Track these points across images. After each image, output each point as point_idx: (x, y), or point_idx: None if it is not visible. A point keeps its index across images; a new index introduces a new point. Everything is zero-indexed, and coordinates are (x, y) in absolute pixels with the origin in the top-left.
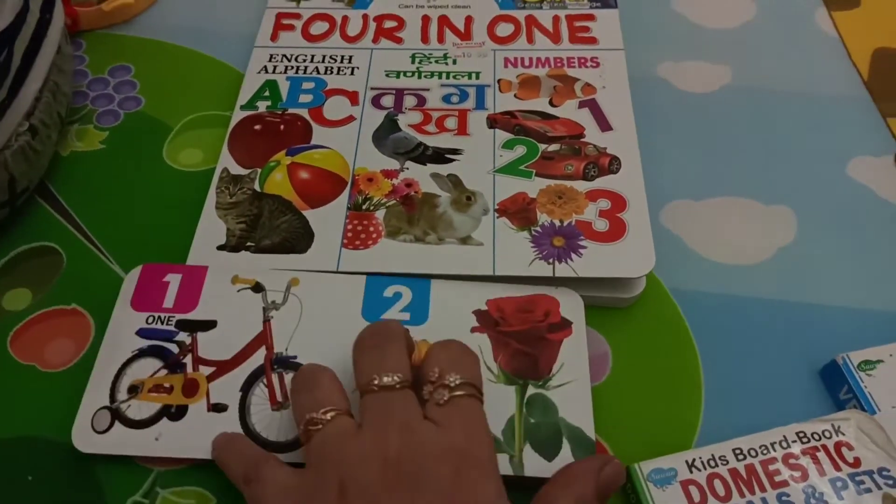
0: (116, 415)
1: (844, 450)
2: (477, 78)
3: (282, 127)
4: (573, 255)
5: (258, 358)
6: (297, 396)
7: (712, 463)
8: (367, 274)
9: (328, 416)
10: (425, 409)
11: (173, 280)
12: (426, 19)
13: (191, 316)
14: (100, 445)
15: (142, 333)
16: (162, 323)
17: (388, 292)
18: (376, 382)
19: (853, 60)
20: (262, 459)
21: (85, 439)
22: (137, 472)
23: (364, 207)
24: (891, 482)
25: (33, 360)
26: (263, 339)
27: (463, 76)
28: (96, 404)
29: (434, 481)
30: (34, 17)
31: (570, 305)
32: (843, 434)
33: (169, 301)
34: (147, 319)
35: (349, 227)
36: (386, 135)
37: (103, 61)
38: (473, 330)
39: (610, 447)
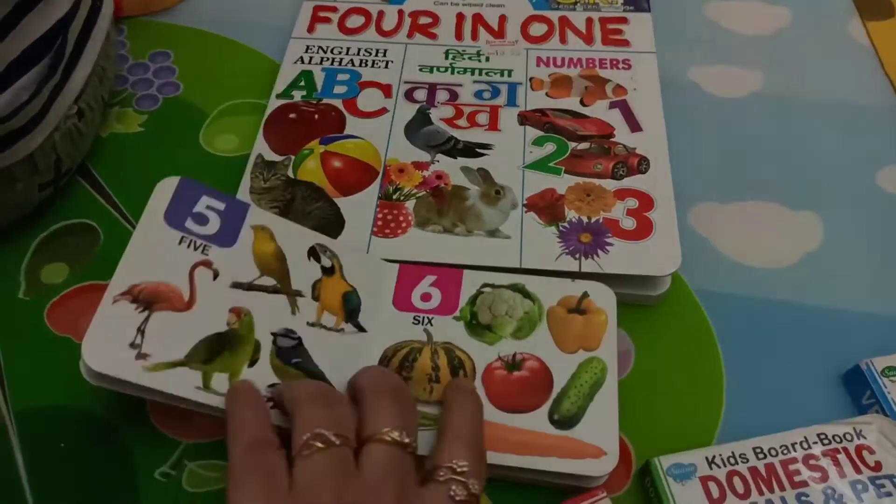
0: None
1: (865, 453)
2: (509, 75)
3: (316, 116)
4: (599, 252)
5: None
6: (311, 405)
7: (732, 460)
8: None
9: (337, 440)
10: (433, 487)
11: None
12: (461, 17)
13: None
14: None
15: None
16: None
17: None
18: (394, 435)
19: (885, 70)
20: (260, 446)
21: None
22: (166, 444)
23: (394, 197)
24: None
25: (68, 332)
26: None
27: (495, 73)
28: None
29: None
30: (86, 6)
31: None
32: (865, 438)
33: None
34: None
35: (379, 215)
36: (418, 128)
37: (144, 47)
38: None
39: (631, 441)
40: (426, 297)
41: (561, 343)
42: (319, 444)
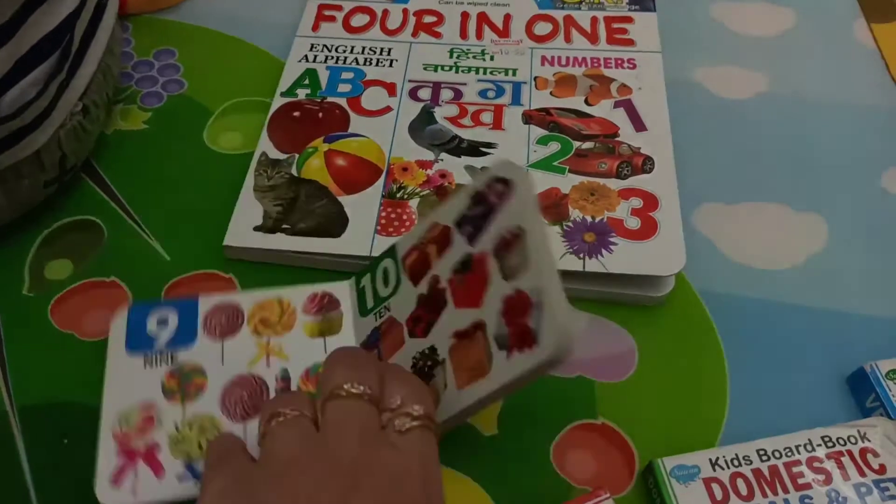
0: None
1: (870, 456)
2: (514, 74)
3: (320, 115)
4: (603, 251)
5: None
6: (338, 366)
7: (736, 462)
8: None
9: (294, 413)
10: (386, 433)
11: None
12: (465, 15)
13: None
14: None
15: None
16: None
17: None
18: (346, 388)
19: (890, 72)
20: (232, 449)
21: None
22: None
23: (398, 196)
24: None
25: (72, 329)
26: None
27: (500, 72)
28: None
29: (378, 494)
30: (93, 2)
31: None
32: (869, 441)
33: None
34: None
35: (383, 214)
36: (422, 126)
37: (149, 44)
38: None
39: (634, 442)
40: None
41: None
42: (279, 420)
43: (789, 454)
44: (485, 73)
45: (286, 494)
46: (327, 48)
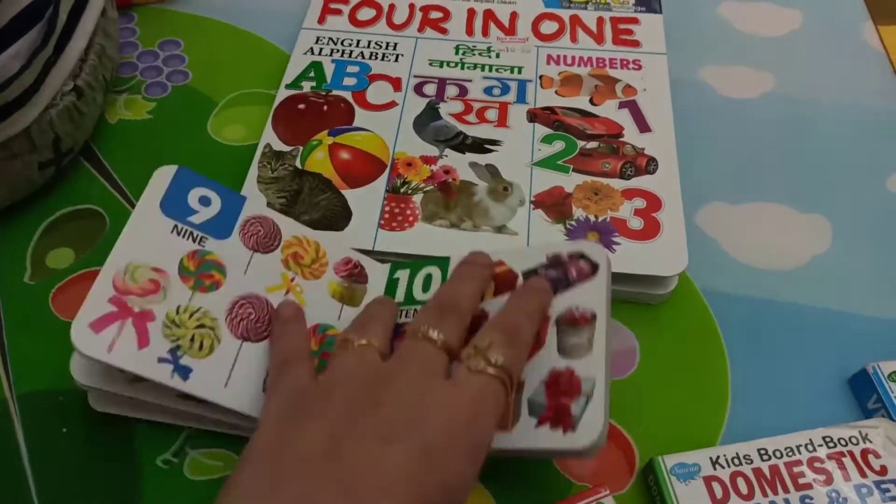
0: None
1: (871, 457)
2: (519, 72)
3: (325, 108)
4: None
5: None
6: (428, 311)
7: (736, 461)
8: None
9: (363, 341)
10: (454, 366)
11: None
12: (472, 12)
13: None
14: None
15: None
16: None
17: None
18: (423, 330)
19: None
20: (294, 358)
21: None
22: (169, 431)
23: (402, 191)
24: None
25: (73, 317)
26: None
27: (505, 70)
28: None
29: (424, 426)
30: None
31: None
32: (871, 442)
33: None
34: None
35: (387, 208)
36: (427, 122)
37: (154, 35)
38: None
39: (634, 439)
40: None
41: None
42: (350, 345)
43: (790, 454)
44: (490, 70)
45: (329, 405)
46: (333, 41)
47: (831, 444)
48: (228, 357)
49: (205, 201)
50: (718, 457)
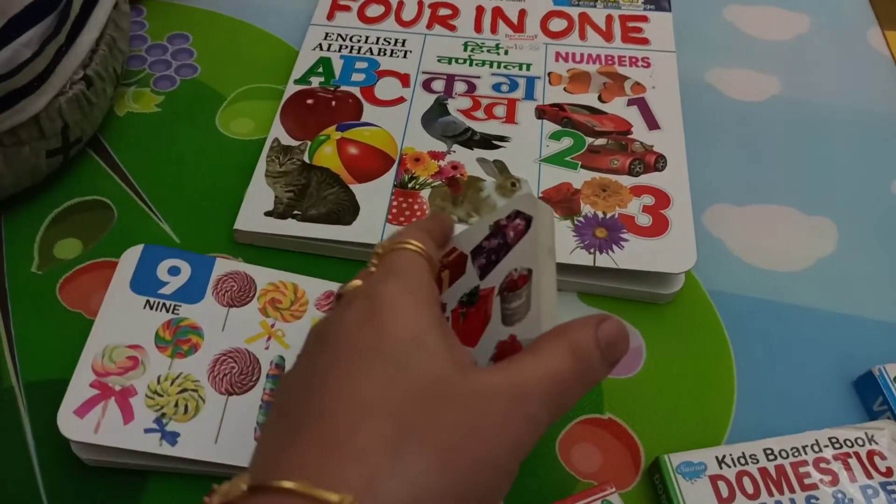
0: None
1: (877, 458)
2: (528, 69)
3: (333, 103)
4: (614, 247)
5: None
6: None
7: (742, 460)
8: None
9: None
10: None
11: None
12: (480, 9)
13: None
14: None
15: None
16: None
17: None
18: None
19: None
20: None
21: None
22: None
23: (410, 186)
24: None
25: (80, 308)
26: None
27: (514, 67)
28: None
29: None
30: None
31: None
32: (877, 443)
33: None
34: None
35: (394, 203)
36: (435, 118)
37: (163, 28)
38: None
39: (640, 438)
40: None
41: None
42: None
43: (796, 454)
44: (499, 66)
45: None
46: (342, 37)
47: (837, 445)
48: (215, 414)
49: (174, 271)
50: (724, 456)
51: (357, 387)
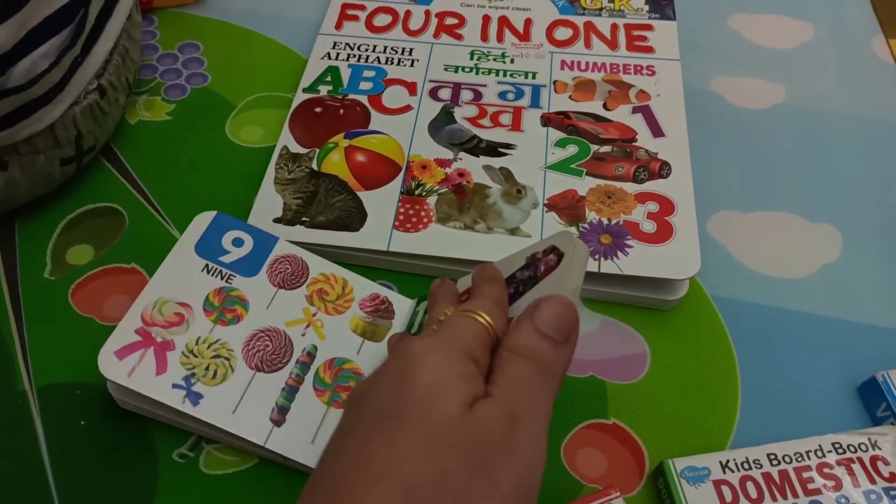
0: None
1: (880, 464)
2: (533, 78)
3: (341, 111)
4: (619, 254)
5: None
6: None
7: (746, 465)
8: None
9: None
10: None
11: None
12: (486, 19)
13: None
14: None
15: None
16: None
17: None
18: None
19: None
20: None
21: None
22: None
23: (417, 193)
24: None
25: (92, 313)
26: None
27: (519, 75)
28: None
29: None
30: None
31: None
32: (880, 448)
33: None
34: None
35: (401, 210)
36: (442, 125)
37: (174, 38)
38: None
39: (644, 443)
40: None
41: None
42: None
43: (800, 459)
44: (505, 75)
45: None
46: (350, 46)
47: (841, 451)
48: (240, 386)
49: (237, 242)
50: (728, 461)
51: (371, 452)
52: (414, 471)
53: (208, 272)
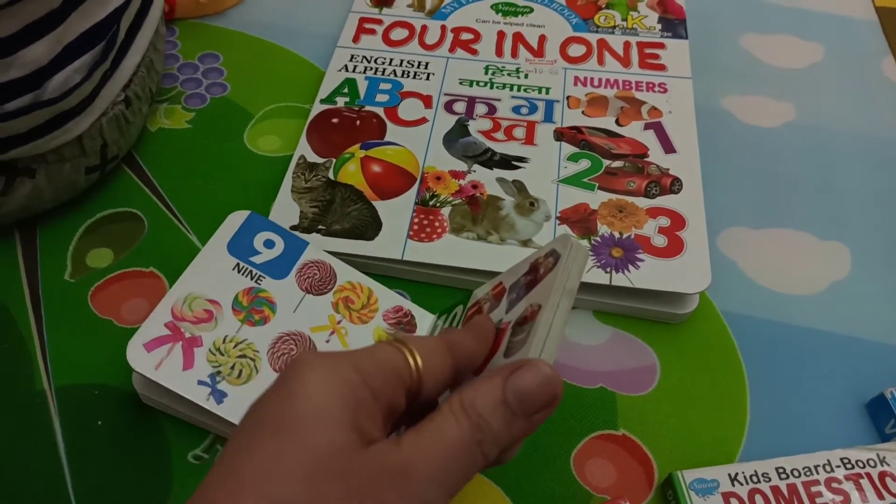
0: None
1: (889, 480)
2: (547, 93)
3: (358, 122)
4: (630, 267)
5: None
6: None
7: (755, 479)
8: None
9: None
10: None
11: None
12: (501, 35)
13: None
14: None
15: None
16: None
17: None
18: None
19: None
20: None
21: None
22: (199, 428)
23: (431, 203)
24: None
25: (110, 315)
26: None
27: (533, 90)
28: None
29: None
30: None
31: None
32: (888, 465)
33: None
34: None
35: (416, 220)
36: (456, 138)
37: (194, 48)
38: None
39: (653, 454)
40: None
41: None
42: None
43: (808, 474)
44: (519, 90)
45: None
46: (367, 59)
47: (849, 466)
48: (264, 387)
49: (269, 244)
50: (737, 473)
51: (241, 462)
52: (287, 490)
53: (239, 271)
